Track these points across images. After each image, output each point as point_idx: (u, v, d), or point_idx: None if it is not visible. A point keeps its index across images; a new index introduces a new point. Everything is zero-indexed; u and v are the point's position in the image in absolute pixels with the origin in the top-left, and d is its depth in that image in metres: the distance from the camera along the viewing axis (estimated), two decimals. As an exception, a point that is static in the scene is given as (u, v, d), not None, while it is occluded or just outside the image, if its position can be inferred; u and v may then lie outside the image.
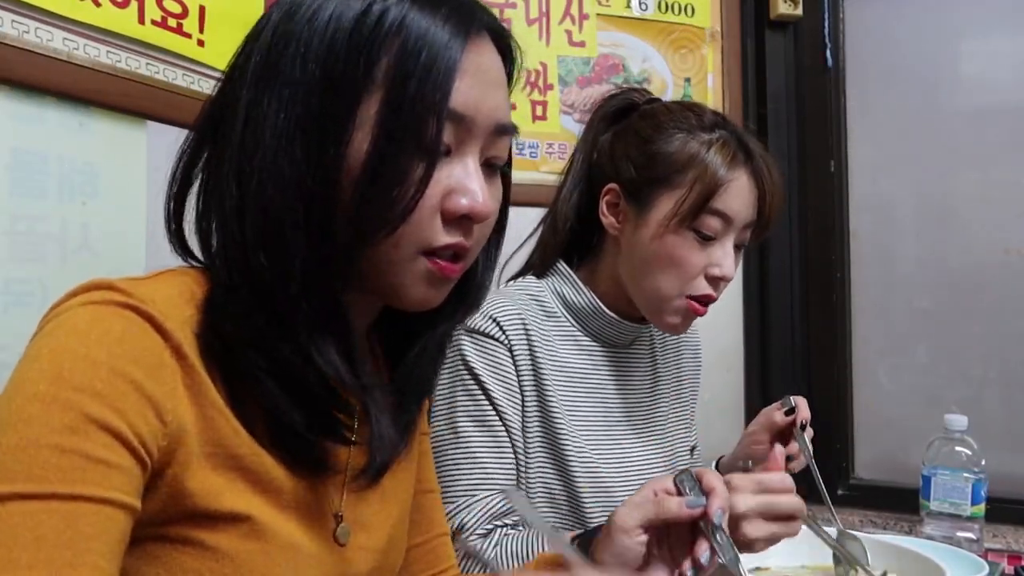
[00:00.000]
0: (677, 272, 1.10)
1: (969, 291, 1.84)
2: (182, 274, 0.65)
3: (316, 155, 0.61)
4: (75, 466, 0.52)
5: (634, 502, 0.81)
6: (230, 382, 0.62)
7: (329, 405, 0.65)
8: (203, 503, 0.59)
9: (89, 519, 0.52)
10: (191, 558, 0.60)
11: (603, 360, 1.22)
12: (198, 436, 0.59)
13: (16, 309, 0.97)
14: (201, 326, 0.61)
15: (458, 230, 0.66)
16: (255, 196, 0.61)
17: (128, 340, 0.57)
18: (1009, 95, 1.82)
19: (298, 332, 0.62)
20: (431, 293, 0.68)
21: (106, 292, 0.58)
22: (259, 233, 0.61)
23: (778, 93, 1.99)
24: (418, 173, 0.62)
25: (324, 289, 0.62)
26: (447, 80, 0.62)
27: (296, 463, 0.66)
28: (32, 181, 1.00)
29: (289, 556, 0.65)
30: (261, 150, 0.61)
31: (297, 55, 0.62)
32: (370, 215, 0.61)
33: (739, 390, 1.96)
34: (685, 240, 1.09)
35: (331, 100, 0.61)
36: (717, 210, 1.09)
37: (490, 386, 1.11)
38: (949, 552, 1.16)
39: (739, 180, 1.10)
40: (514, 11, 1.74)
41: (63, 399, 0.53)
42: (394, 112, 0.61)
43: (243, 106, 0.63)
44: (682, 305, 1.13)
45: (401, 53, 0.61)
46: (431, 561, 0.91)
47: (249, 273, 0.61)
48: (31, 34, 0.98)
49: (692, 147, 1.10)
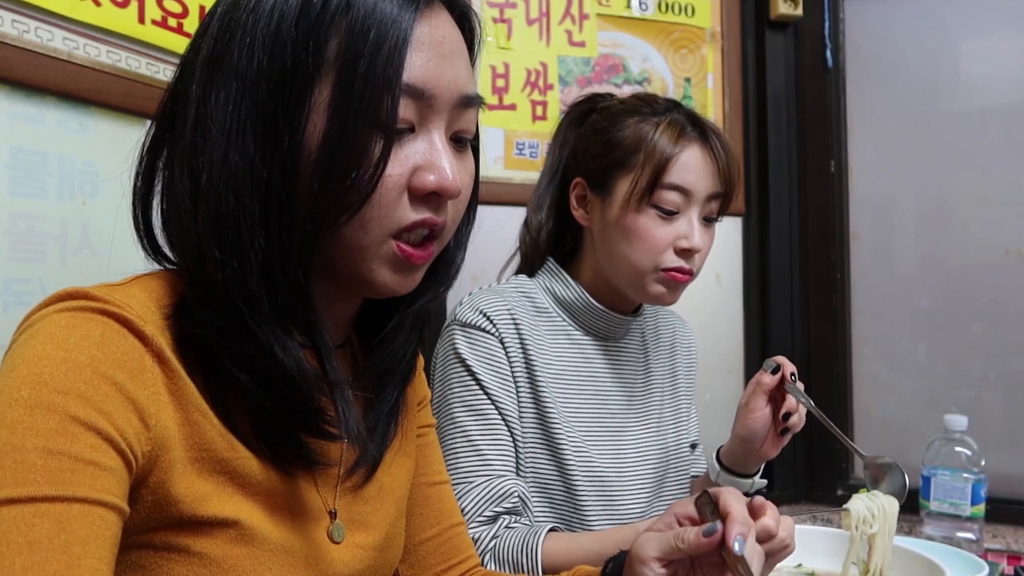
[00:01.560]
0: (645, 247, 1.14)
1: (969, 291, 1.84)
2: (157, 277, 0.65)
3: (270, 146, 0.60)
4: (64, 468, 0.51)
5: (655, 529, 0.78)
6: (211, 384, 0.62)
7: (304, 399, 0.63)
8: (189, 509, 0.59)
9: (82, 521, 0.51)
10: (178, 565, 0.59)
11: (596, 354, 1.24)
12: (183, 441, 0.59)
13: (16, 309, 0.97)
14: (177, 328, 0.60)
15: (427, 207, 0.64)
16: (206, 193, 0.60)
17: (108, 344, 0.56)
18: (1009, 95, 1.82)
19: (260, 328, 0.60)
20: (398, 279, 0.66)
21: (81, 300, 0.57)
22: (213, 231, 0.60)
23: (778, 93, 1.99)
24: (377, 152, 0.60)
25: (286, 283, 0.61)
26: (399, 54, 0.60)
27: (282, 460, 0.65)
28: (32, 181, 1.00)
29: (280, 558, 0.64)
30: (211, 146, 0.60)
31: (243, 45, 0.60)
32: (331, 199, 0.60)
33: (739, 391, 1.95)
34: (648, 217, 1.14)
35: (281, 89, 0.59)
36: (673, 184, 1.13)
37: (483, 376, 1.13)
38: (949, 552, 1.16)
39: (690, 153, 1.14)
40: (514, 11, 1.74)
41: (46, 402, 0.52)
42: (347, 92, 0.59)
43: (193, 102, 0.62)
44: (660, 277, 1.16)
45: (350, 32, 0.59)
46: (447, 553, 0.90)
47: (206, 272, 0.60)
48: (31, 34, 0.98)
49: (642, 129, 1.15)
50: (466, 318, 1.15)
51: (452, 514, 0.92)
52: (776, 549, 0.84)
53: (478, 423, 1.12)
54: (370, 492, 0.75)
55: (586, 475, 1.17)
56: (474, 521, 1.07)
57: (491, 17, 1.73)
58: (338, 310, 0.72)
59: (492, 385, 1.13)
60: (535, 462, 1.16)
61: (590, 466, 1.17)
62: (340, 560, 0.70)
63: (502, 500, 1.09)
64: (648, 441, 1.26)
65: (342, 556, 0.71)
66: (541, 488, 1.17)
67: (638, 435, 1.25)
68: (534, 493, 1.16)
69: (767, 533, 0.82)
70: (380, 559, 0.76)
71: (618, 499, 1.19)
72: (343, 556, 0.71)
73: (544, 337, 1.19)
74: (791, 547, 0.86)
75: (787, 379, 1.12)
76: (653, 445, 1.26)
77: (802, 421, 1.16)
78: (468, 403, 1.13)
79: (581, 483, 1.16)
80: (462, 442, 1.12)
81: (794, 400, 1.14)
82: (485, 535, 1.06)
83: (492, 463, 1.11)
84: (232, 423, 0.62)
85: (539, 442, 1.16)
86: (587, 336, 1.24)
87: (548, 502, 1.17)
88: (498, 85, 1.73)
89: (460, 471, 1.10)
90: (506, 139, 1.70)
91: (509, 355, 1.15)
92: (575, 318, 1.23)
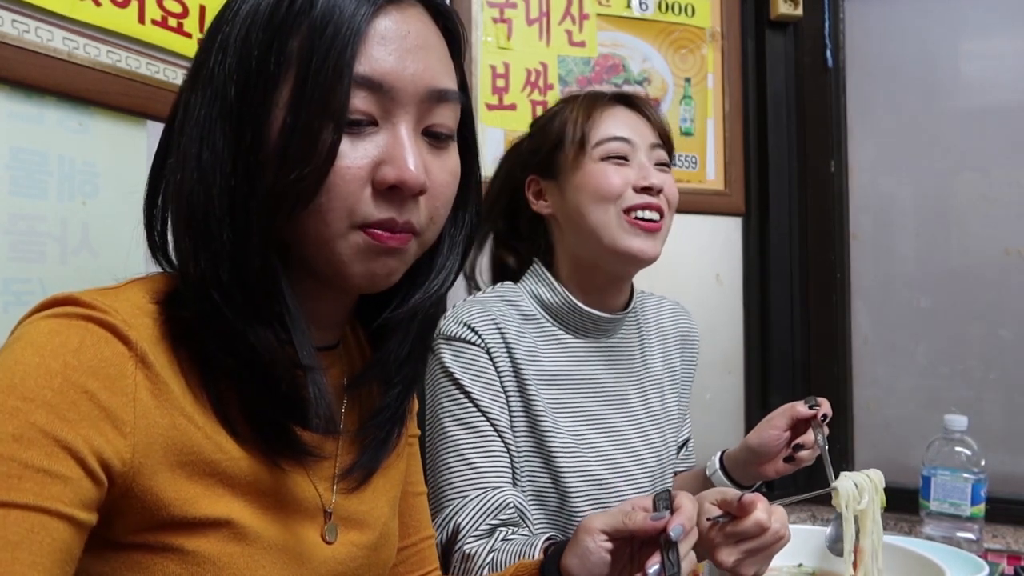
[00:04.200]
0: (603, 195, 1.16)
1: (969, 291, 1.84)
2: (151, 280, 0.66)
3: (234, 142, 0.62)
4: (12, 473, 0.52)
5: (607, 510, 0.81)
6: (204, 382, 0.62)
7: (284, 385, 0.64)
8: (180, 511, 0.59)
9: (17, 527, 0.51)
10: (173, 564, 0.60)
11: (589, 354, 1.23)
12: (169, 446, 0.59)
13: (16, 309, 0.97)
14: (165, 322, 0.62)
15: (390, 205, 0.64)
16: (179, 189, 0.63)
17: (85, 351, 0.56)
18: (1009, 95, 1.82)
19: (235, 316, 0.62)
20: (373, 267, 0.66)
21: (68, 306, 0.58)
22: (186, 224, 0.62)
23: (778, 93, 1.99)
24: (327, 142, 0.61)
25: (254, 273, 0.62)
26: (352, 47, 0.61)
27: (275, 452, 0.65)
28: (32, 181, 1.00)
29: (274, 556, 0.65)
30: (186, 145, 0.63)
31: (219, 51, 0.63)
32: (284, 190, 0.61)
33: (739, 392, 1.96)
34: (599, 167, 1.17)
35: (247, 89, 0.62)
36: (609, 136, 1.18)
37: (471, 388, 1.12)
38: (949, 552, 1.16)
39: (612, 109, 1.21)
40: (514, 11, 1.74)
41: (10, 407, 0.53)
42: (302, 87, 0.61)
43: (182, 107, 0.66)
44: (627, 226, 1.16)
45: (310, 30, 0.61)
46: (416, 563, 0.91)
47: (183, 263, 0.63)
48: (31, 34, 0.98)
49: (566, 110, 1.23)
50: (450, 331, 1.14)
51: (426, 526, 0.93)
52: (770, 542, 0.85)
53: (469, 436, 1.11)
54: (365, 492, 0.76)
55: (580, 480, 1.16)
56: (470, 536, 1.05)
57: (491, 17, 1.73)
58: (325, 308, 0.72)
59: (481, 397, 1.12)
60: (530, 470, 1.16)
61: (584, 470, 1.16)
62: (334, 558, 0.71)
63: (498, 512, 1.07)
64: (646, 437, 1.25)
65: (336, 554, 0.71)
66: (537, 496, 1.16)
67: (636, 432, 1.24)
68: (531, 502, 1.15)
69: (759, 527, 0.84)
70: (374, 558, 0.76)
71: (614, 502, 1.19)
72: (337, 554, 0.71)
73: (533, 343, 1.18)
74: (786, 537, 0.87)
75: (816, 419, 1.13)
76: (651, 442, 1.25)
77: (810, 460, 1.18)
78: (458, 417, 1.12)
79: (575, 489, 1.15)
80: (455, 457, 1.11)
81: (812, 438, 1.15)
82: (481, 550, 1.04)
83: (486, 476, 1.10)
84: (226, 418, 0.63)
85: (532, 450, 1.15)
86: (578, 337, 1.23)
87: (543, 510, 1.16)
88: (498, 85, 1.73)
89: (454, 487, 1.09)
90: (506, 139, 1.69)
91: (496, 365, 1.14)
92: (563, 322, 1.22)
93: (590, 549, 0.78)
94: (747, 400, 1.95)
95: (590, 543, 0.78)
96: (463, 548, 1.05)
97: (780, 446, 1.16)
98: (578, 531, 0.80)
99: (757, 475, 1.20)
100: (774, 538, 0.85)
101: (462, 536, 1.05)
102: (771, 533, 0.85)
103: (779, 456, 1.17)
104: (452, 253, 0.75)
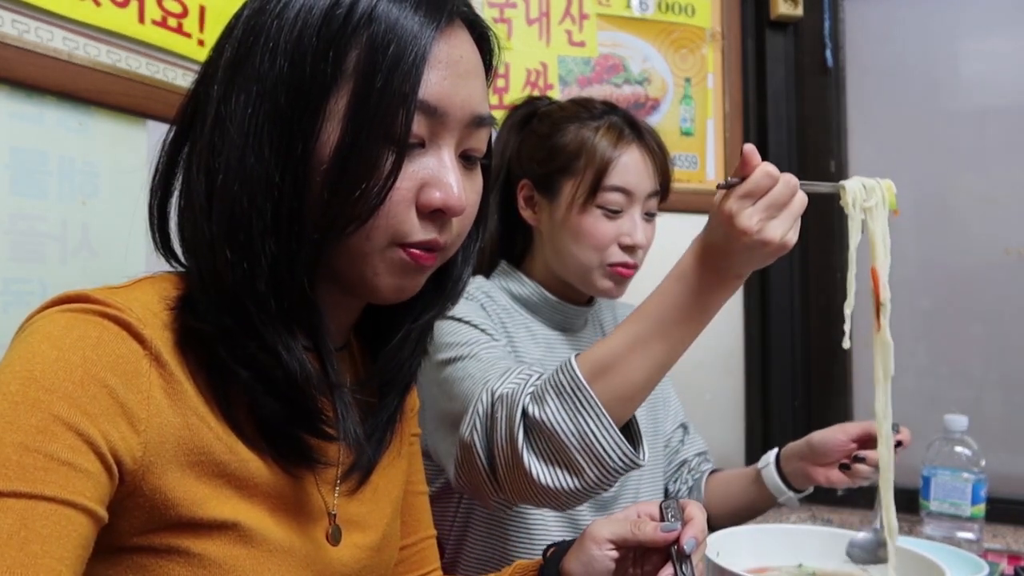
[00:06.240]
0: (590, 245, 1.19)
1: (969, 291, 1.83)
2: (161, 279, 0.65)
3: (284, 151, 0.60)
4: (37, 465, 0.51)
5: (614, 518, 0.81)
6: (213, 380, 0.62)
7: (304, 399, 0.64)
8: (188, 512, 0.59)
9: (46, 520, 0.51)
10: (179, 567, 0.59)
11: (560, 345, 1.26)
12: (180, 445, 0.59)
13: (16, 309, 0.97)
14: (178, 330, 0.61)
15: (433, 225, 0.65)
16: (221, 194, 0.61)
17: (104, 346, 0.56)
18: (1009, 95, 1.82)
19: (266, 329, 0.61)
20: (404, 283, 0.67)
21: (82, 303, 0.58)
22: (226, 231, 0.60)
23: (778, 93, 1.99)
24: (388, 165, 0.61)
25: (293, 286, 0.61)
26: (416, 71, 0.61)
27: (284, 458, 0.65)
28: (32, 181, 1.00)
29: (279, 559, 0.64)
30: (228, 147, 0.61)
31: (266, 50, 0.61)
32: (340, 209, 0.60)
33: (739, 392, 1.95)
34: (593, 216, 1.19)
35: (299, 95, 0.60)
36: (615, 186, 1.19)
37: (473, 319, 1.12)
38: (949, 552, 1.16)
39: (629, 155, 1.20)
40: (514, 11, 1.74)
41: (32, 399, 0.53)
42: (363, 105, 0.60)
43: (214, 102, 0.63)
44: (607, 273, 1.21)
45: (370, 45, 0.60)
46: (417, 563, 0.91)
47: (217, 271, 0.61)
48: (31, 34, 0.98)
49: (583, 135, 1.21)
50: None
51: (427, 526, 0.94)
52: (786, 194, 0.90)
53: (479, 346, 1.06)
54: (366, 493, 0.76)
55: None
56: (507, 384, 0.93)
57: (491, 17, 1.73)
58: (340, 315, 0.73)
59: (484, 324, 1.12)
60: None
61: None
62: (339, 560, 0.71)
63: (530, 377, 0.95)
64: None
65: (341, 556, 0.71)
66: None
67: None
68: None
69: (769, 176, 0.89)
70: (377, 559, 0.77)
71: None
72: (342, 556, 0.71)
73: (511, 333, 1.21)
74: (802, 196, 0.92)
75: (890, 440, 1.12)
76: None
77: (866, 477, 1.19)
78: (458, 342, 1.07)
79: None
80: (468, 362, 1.03)
81: (875, 458, 1.13)
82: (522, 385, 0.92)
83: (503, 361, 1.03)
84: (235, 421, 0.63)
85: None
86: (550, 329, 1.27)
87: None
88: (498, 85, 1.73)
89: (476, 380, 1.00)
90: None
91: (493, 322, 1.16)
92: (535, 312, 1.26)
93: (596, 557, 0.78)
94: (747, 401, 1.95)
95: (596, 552, 0.78)
96: (499, 391, 0.93)
97: (840, 452, 1.18)
98: (583, 538, 0.80)
99: (808, 476, 1.22)
100: (788, 188, 0.86)
101: (498, 388, 0.94)
102: (783, 182, 0.86)
103: (834, 464, 1.18)
104: (465, 265, 0.77)
